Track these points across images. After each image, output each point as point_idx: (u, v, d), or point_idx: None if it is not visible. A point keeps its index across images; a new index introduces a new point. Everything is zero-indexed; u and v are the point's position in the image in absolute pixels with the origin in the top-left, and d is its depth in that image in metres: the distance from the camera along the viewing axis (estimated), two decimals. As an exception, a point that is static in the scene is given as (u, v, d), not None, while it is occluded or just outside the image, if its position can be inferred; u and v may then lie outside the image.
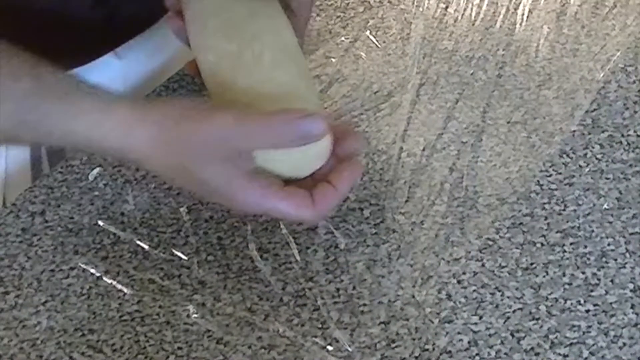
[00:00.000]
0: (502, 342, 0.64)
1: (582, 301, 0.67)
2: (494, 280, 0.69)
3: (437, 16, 0.96)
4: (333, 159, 0.68)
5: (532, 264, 0.70)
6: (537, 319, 0.66)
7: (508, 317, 0.66)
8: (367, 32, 0.95)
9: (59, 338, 0.67)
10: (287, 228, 0.74)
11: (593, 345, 0.64)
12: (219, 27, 0.72)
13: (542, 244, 0.71)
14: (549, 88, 0.86)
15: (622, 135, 0.81)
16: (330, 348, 0.65)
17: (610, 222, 0.73)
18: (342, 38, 0.95)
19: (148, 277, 0.71)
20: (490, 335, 0.65)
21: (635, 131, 0.81)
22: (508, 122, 0.83)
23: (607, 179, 0.77)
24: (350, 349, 0.65)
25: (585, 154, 0.79)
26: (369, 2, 1.00)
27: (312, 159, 0.67)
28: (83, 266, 0.72)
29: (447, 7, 0.98)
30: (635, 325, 0.65)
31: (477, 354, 0.64)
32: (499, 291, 0.68)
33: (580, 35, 0.93)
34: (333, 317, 0.67)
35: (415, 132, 0.82)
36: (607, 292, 0.67)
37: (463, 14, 0.96)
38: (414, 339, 0.65)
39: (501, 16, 0.96)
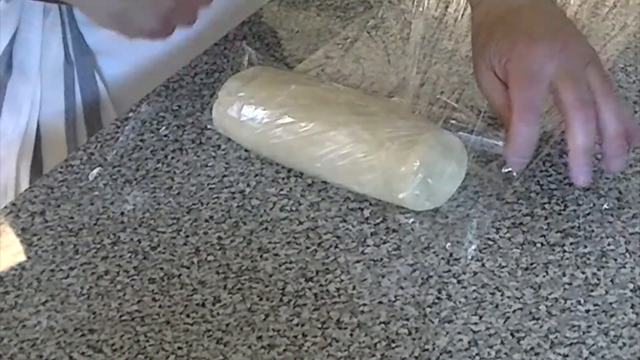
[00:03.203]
0: (502, 342, 0.64)
1: (582, 301, 0.67)
2: (494, 280, 0.69)
3: (437, 16, 0.96)
4: None
5: (532, 264, 0.70)
6: (537, 319, 0.66)
7: (508, 317, 0.66)
8: (367, 32, 0.95)
9: (59, 338, 0.67)
10: (287, 228, 0.74)
11: (593, 345, 0.64)
12: None
13: (542, 244, 0.71)
14: (549, 88, 0.86)
15: (622, 135, 0.81)
16: (330, 348, 0.65)
17: (610, 222, 0.73)
18: (342, 38, 0.95)
19: (148, 277, 0.71)
20: (490, 335, 0.65)
21: (635, 131, 0.81)
22: (508, 122, 0.82)
23: (607, 179, 0.76)
24: (350, 349, 0.65)
25: (585, 154, 0.79)
26: (369, 2, 1.00)
27: None
28: (83, 266, 0.72)
29: (447, 7, 0.98)
30: (635, 325, 0.65)
31: (477, 354, 0.64)
32: (499, 291, 0.68)
33: (580, 35, 0.93)
34: (333, 317, 0.67)
35: (415, 132, 0.82)
36: (607, 292, 0.67)
37: (463, 14, 0.96)
38: (414, 339, 0.65)
39: (501, 16, 0.96)
